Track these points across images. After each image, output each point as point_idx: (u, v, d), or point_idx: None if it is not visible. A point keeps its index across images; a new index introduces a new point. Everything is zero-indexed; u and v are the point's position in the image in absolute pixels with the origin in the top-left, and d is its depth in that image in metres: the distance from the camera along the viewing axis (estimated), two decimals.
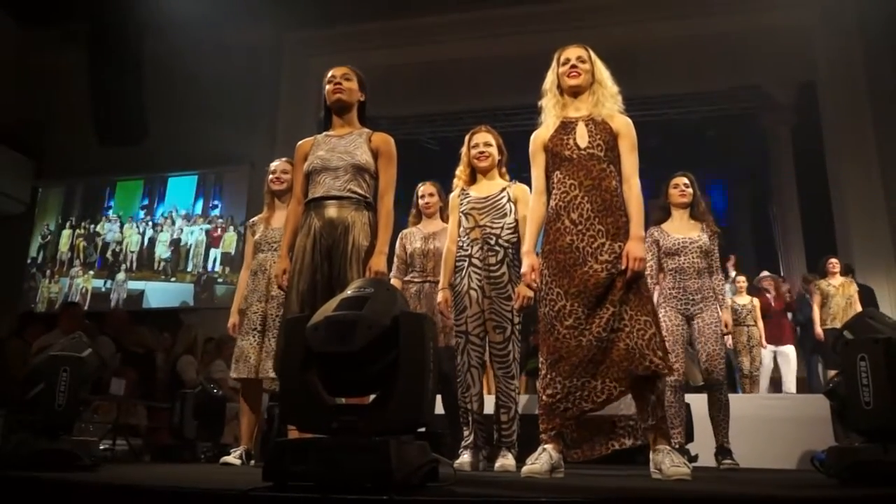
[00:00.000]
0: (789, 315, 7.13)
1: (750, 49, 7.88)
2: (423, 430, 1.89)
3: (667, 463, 2.29)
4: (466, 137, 3.43)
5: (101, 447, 4.12)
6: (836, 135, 7.93)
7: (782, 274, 8.30)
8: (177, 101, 8.38)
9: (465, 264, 3.21)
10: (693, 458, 3.74)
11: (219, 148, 8.59)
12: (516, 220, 3.24)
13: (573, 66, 2.58)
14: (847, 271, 6.51)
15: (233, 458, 3.49)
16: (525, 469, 2.37)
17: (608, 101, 2.57)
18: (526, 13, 7.91)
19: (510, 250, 3.20)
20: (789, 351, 6.82)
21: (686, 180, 3.89)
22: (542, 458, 2.38)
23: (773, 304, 6.88)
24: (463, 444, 3.21)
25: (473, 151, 3.35)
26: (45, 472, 2.04)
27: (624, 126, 2.55)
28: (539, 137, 2.63)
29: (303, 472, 1.62)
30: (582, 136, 2.49)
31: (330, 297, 1.88)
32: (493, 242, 3.18)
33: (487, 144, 3.36)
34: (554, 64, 2.66)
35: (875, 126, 7.60)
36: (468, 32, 8.15)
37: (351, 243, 2.62)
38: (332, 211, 2.67)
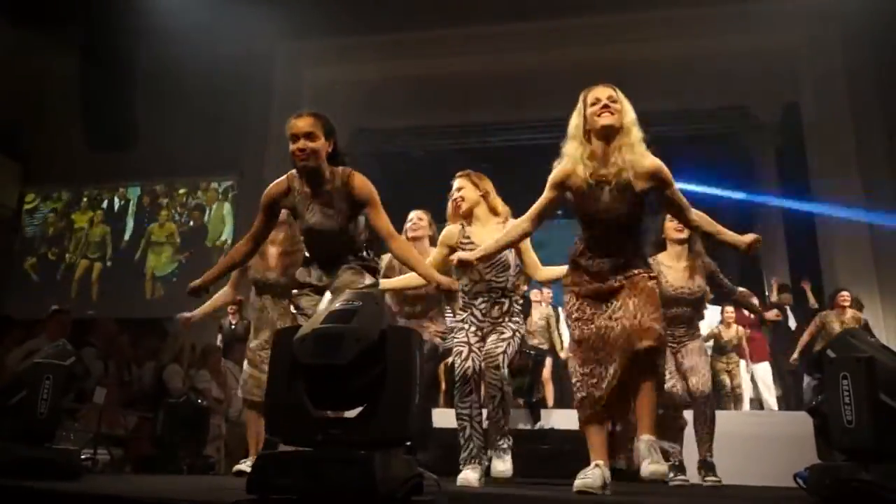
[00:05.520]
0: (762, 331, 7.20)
1: (735, 70, 7.99)
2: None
3: (647, 459, 2.30)
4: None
5: (83, 456, 4.07)
6: (819, 156, 8.05)
7: (767, 293, 8.36)
8: (168, 108, 8.36)
9: (468, 314, 3.17)
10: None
11: (208, 156, 8.57)
12: (518, 268, 3.20)
13: (605, 106, 2.46)
14: (857, 305, 6.17)
15: (245, 466, 3.46)
16: (578, 483, 2.34)
17: (635, 149, 2.47)
18: (517, 31, 7.97)
19: (515, 299, 3.20)
20: (765, 368, 6.88)
21: None
22: (595, 474, 2.35)
23: (749, 321, 6.93)
24: (462, 456, 3.14)
25: (450, 201, 3.28)
26: (25, 481, 2.01)
27: (659, 175, 2.48)
28: (563, 175, 2.52)
29: (286, 486, 1.61)
30: (609, 206, 2.47)
31: None
32: (497, 296, 3.15)
33: (458, 189, 3.24)
34: (580, 105, 2.53)
35: (858, 147, 7.72)
36: (460, 48, 8.20)
37: (349, 284, 2.66)
38: (331, 259, 2.75)
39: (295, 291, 2.83)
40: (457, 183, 3.28)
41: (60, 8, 8.09)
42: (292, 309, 2.79)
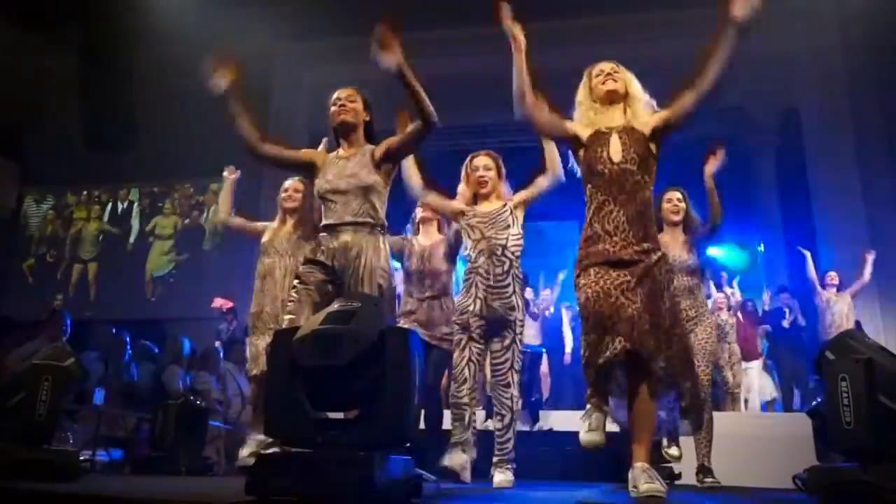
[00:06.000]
0: (759, 330, 7.21)
1: (735, 72, 7.95)
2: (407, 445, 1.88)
3: (642, 480, 2.28)
4: (467, 160, 3.47)
5: (81, 458, 4.06)
6: (818, 157, 8.05)
7: (763, 291, 8.36)
8: (166, 109, 8.34)
9: (473, 275, 3.25)
10: (676, 476, 3.75)
11: (207, 157, 8.54)
12: (519, 234, 3.31)
13: (608, 75, 2.60)
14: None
15: (248, 452, 3.40)
16: (584, 439, 2.34)
17: (642, 110, 2.59)
18: None
19: (515, 263, 3.26)
20: (755, 367, 6.91)
21: (679, 195, 3.87)
22: (597, 420, 2.35)
23: (742, 319, 6.95)
24: (451, 440, 3.16)
25: (474, 175, 3.41)
26: (23, 483, 2.01)
27: (656, 116, 2.57)
28: (572, 125, 2.61)
29: (285, 486, 1.61)
30: (616, 150, 2.49)
31: None
32: (499, 253, 3.23)
33: (487, 168, 3.40)
34: (585, 79, 2.68)
35: (856, 148, 7.72)
36: (460, 48, 8.20)
37: (363, 265, 2.64)
38: (346, 236, 2.69)
39: (301, 268, 2.78)
40: (484, 161, 3.44)
41: (59, 8, 8.09)
42: (295, 282, 2.74)
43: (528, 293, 6.90)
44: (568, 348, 6.87)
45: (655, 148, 2.55)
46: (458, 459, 3.06)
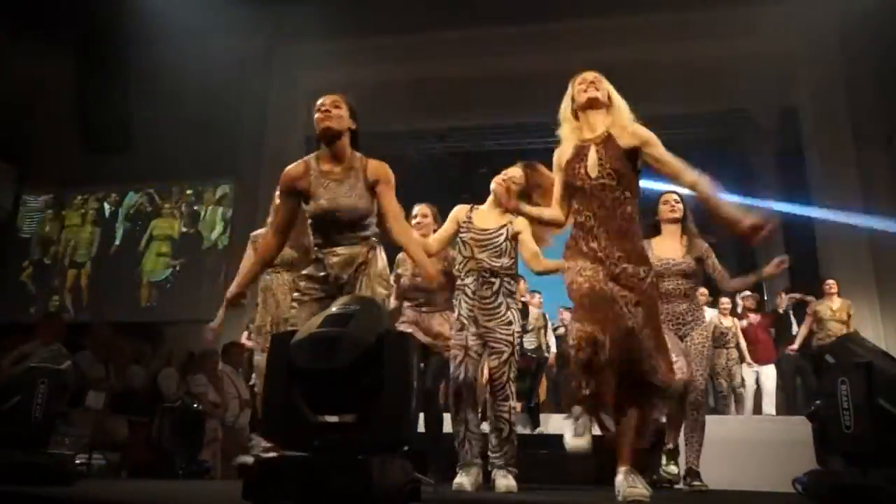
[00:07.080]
0: (771, 332, 7.19)
1: (735, 74, 7.99)
2: (405, 449, 1.87)
3: (624, 485, 2.26)
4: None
5: (77, 461, 4.05)
6: (818, 158, 8.05)
7: (765, 295, 8.36)
8: (163, 111, 8.34)
9: (461, 294, 3.21)
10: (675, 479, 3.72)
11: (205, 160, 8.54)
12: (513, 259, 3.23)
13: (590, 83, 2.61)
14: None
15: (249, 457, 3.43)
16: (571, 444, 2.29)
17: (624, 119, 2.56)
18: (516, 33, 7.97)
19: (506, 280, 3.19)
20: (770, 371, 6.88)
21: (676, 196, 3.81)
22: (583, 424, 2.30)
23: (755, 323, 6.92)
24: (459, 463, 3.16)
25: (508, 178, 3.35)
26: (19, 487, 2.00)
27: (643, 135, 2.51)
28: (558, 157, 2.62)
29: (283, 491, 1.60)
30: (592, 165, 2.49)
31: None
32: (487, 276, 3.17)
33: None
34: (569, 90, 2.68)
35: (857, 149, 7.72)
36: (458, 50, 8.20)
37: (363, 275, 2.62)
38: (344, 250, 2.65)
39: (301, 283, 2.73)
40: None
41: (56, 11, 8.07)
42: (294, 294, 2.72)
43: (531, 297, 6.87)
44: (553, 349, 6.82)
45: (634, 164, 2.52)
46: (466, 481, 3.06)
